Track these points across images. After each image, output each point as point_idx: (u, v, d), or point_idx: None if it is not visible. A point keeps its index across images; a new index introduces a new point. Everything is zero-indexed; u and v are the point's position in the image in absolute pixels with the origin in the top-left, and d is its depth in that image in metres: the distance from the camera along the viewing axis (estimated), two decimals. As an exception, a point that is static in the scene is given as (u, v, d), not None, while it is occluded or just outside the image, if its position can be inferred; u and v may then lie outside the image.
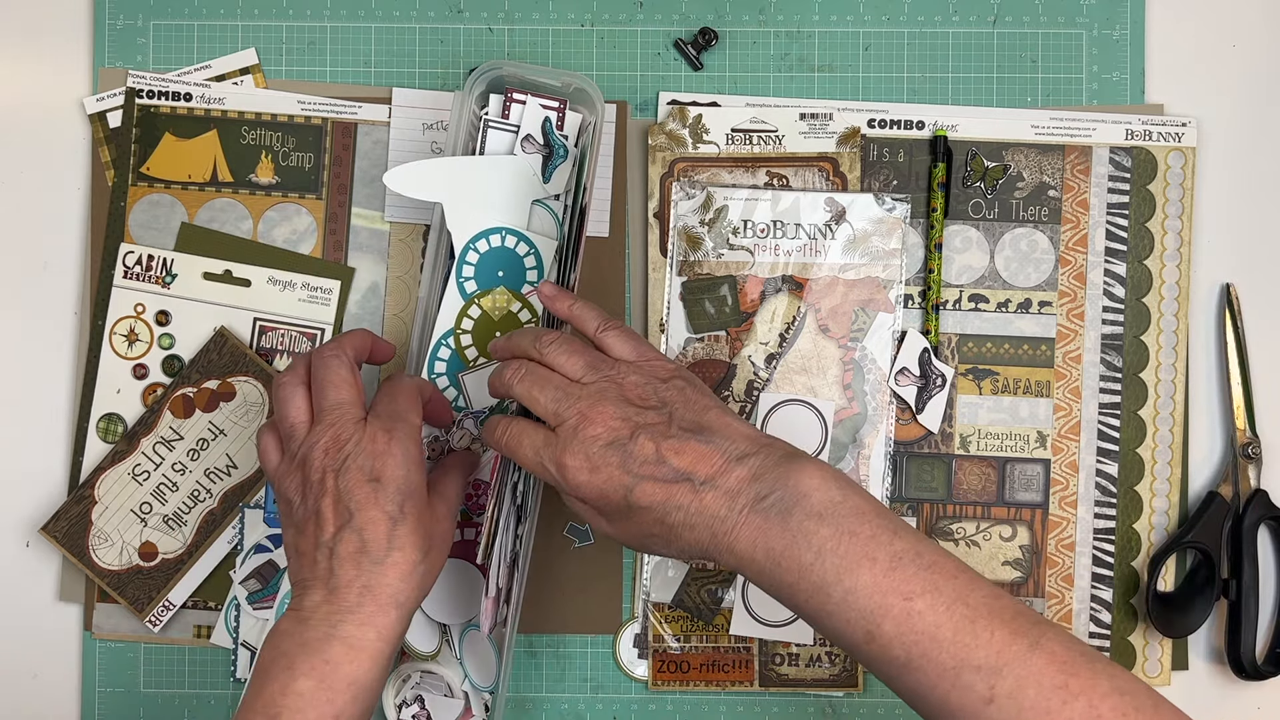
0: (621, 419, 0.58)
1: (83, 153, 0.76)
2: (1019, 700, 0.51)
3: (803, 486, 0.55)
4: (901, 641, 0.53)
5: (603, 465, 0.58)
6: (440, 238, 0.70)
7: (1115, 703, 0.50)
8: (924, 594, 0.53)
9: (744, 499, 0.56)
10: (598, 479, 0.58)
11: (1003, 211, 0.75)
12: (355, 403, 0.62)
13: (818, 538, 0.54)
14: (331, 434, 0.60)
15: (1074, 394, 0.75)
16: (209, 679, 0.75)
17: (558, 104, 0.71)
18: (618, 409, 0.59)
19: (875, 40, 0.76)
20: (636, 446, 0.57)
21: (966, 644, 0.52)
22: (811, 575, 0.54)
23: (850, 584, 0.53)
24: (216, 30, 0.76)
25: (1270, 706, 0.76)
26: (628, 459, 0.57)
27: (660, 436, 0.58)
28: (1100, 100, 0.76)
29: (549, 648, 0.76)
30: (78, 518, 0.74)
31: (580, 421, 0.58)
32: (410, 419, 0.62)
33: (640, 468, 0.57)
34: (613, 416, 0.58)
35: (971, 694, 0.51)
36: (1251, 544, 0.74)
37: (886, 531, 0.54)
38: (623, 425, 0.58)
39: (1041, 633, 0.52)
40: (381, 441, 0.60)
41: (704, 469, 0.57)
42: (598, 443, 0.58)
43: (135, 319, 0.75)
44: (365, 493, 0.59)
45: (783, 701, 0.76)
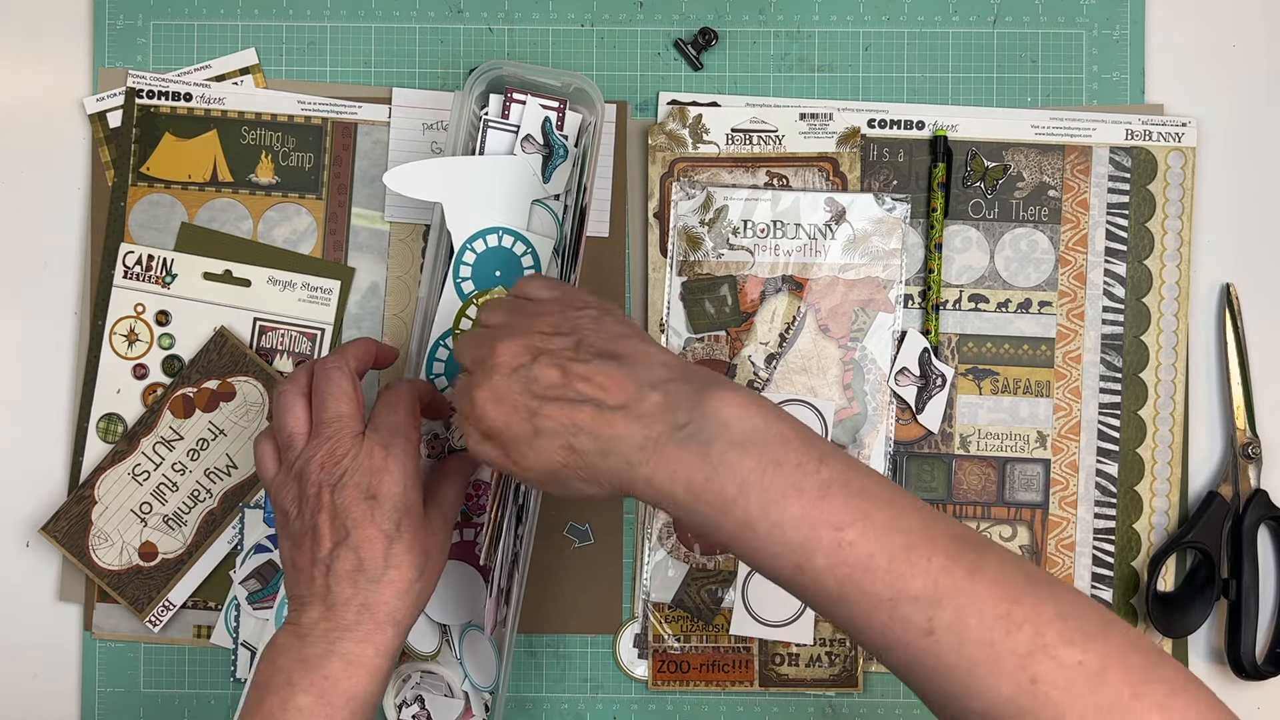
0: (525, 347, 0.56)
1: (83, 153, 0.76)
2: (960, 632, 0.48)
3: (723, 414, 0.52)
4: (834, 574, 0.49)
5: (507, 394, 0.55)
6: (440, 238, 0.70)
7: (1061, 629, 0.47)
8: (855, 523, 0.49)
9: (660, 427, 0.52)
10: (503, 409, 0.55)
11: (1003, 211, 0.75)
12: (354, 416, 0.61)
13: (741, 469, 0.51)
14: (329, 448, 0.60)
15: (1074, 394, 0.75)
16: (209, 679, 0.75)
17: (558, 104, 0.71)
18: (525, 339, 0.56)
19: (875, 40, 0.76)
20: (539, 370, 0.55)
21: (902, 573, 0.49)
22: (735, 510, 0.51)
23: (777, 517, 0.50)
24: (216, 30, 0.76)
25: (1270, 706, 0.76)
26: (531, 383, 0.55)
27: (566, 361, 0.55)
28: (1100, 100, 0.76)
29: (549, 648, 0.76)
30: (78, 518, 0.74)
31: (488, 355, 0.57)
32: (408, 433, 0.62)
33: (544, 390, 0.54)
34: (518, 346, 0.56)
35: (910, 626, 0.48)
36: (1251, 544, 0.74)
37: (813, 459, 0.51)
38: (525, 352, 0.56)
39: (982, 557, 0.49)
40: (379, 458, 0.60)
41: (615, 395, 0.53)
42: (501, 372, 0.56)
43: (135, 319, 0.75)
44: (362, 510, 0.59)
45: (783, 701, 0.76)
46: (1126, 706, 0.46)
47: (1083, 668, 0.47)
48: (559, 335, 0.56)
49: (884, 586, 0.49)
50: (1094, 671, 0.47)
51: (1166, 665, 0.47)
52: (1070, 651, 0.47)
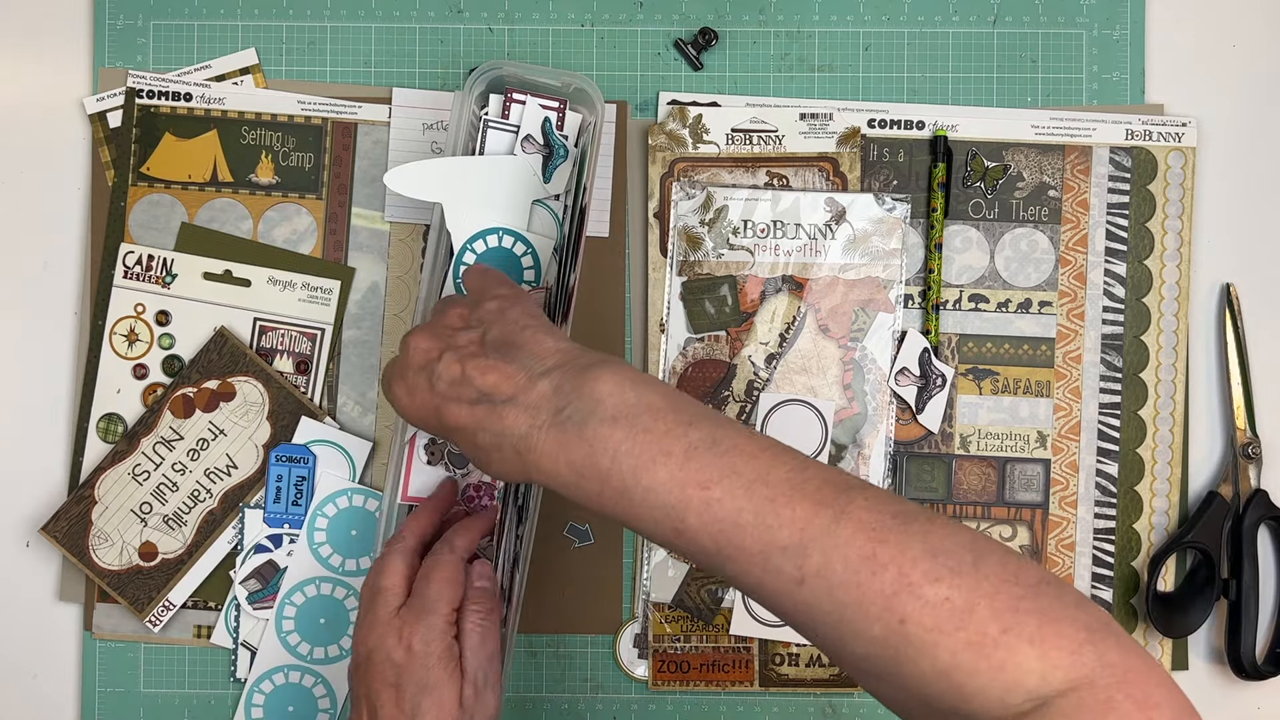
0: (433, 340, 0.59)
1: (83, 153, 0.76)
2: (827, 577, 0.48)
3: (598, 393, 0.53)
4: (707, 532, 0.50)
5: (416, 389, 0.58)
6: (440, 238, 0.70)
7: (929, 567, 0.47)
8: (721, 480, 0.50)
9: (544, 414, 0.54)
10: (414, 403, 0.58)
11: (1003, 211, 0.75)
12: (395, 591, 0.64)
13: (611, 441, 0.52)
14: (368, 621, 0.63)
15: (1074, 394, 0.75)
16: (209, 679, 0.75)
17: (558, 104, 0.71)
18: (434, 334, 0.59)
19: (875, 40, 0.76)
20: (443, 367, 0.57)
21: (769, 525, 0.49)
22: (612, 481, 0.52)
23: (648, 482, 0.51)
24: (216, 30, 0.76)
25: (1270, 706, 0.76)
26: (435, 380, 0.57)
27: (468, 357, 0.57)
28: (1100, 100, 0.76)
29: (549, 648, 0.76)
30: (78, 518, 0.74)
31: (402, 350, 0.60)
32: (439, 608, 0.62)
33: (447, 389, 0.57)
34: (427, 340, 0.59)
35: (782, 577, 0.49)
36: (1251, 544, 0.74)
37: (681, 424, 0.52)
38: (433, 347, 0.58)
39: (849, 500, 0.49)
40: (405, 637, 0.62)
41: (506, 388, 0.55)
42: (410, 367, 0.59)
43: (135, 319, 0.75)
44: (389, 694, 0.61)
45: (783, 701, 0.76)
46: (995, 640, 0.45)
47: (949, 604, 0.46)
48: (466, 329, 0.59)
49: (753, 540, 0.49)
50: (960, 607, 0.46)
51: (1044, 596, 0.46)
52: (936, 589, 0.46)
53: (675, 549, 0.52)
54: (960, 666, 0.45)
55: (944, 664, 0.46)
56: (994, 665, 0.45)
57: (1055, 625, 0.45)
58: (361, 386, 0.75)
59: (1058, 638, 0.45)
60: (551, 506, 0.74)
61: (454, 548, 0.65)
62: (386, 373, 0.61)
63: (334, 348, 0.75)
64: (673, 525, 0.51)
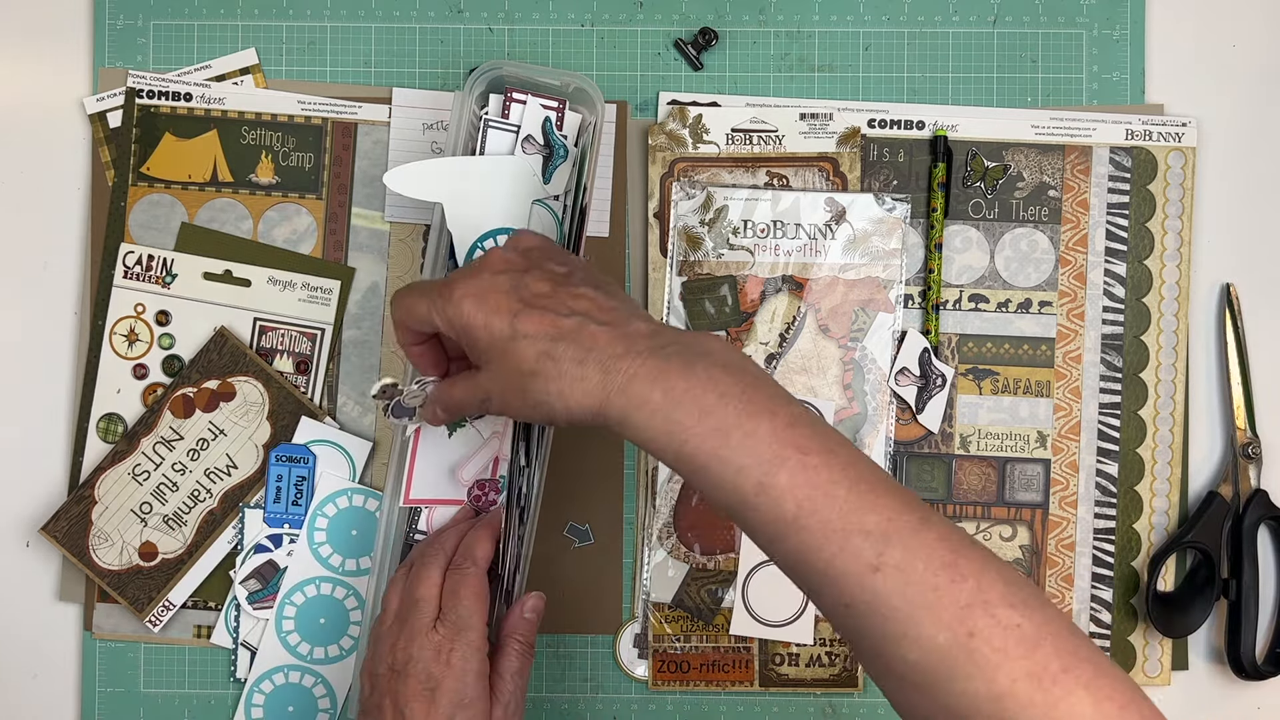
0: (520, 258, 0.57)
1: (83, 153, 0.76)
2: (906, 573, 0.48)
3: (707, 344, 0.54)
4: (794, 494, 0.50)
5: (492, 291, 0.55)
6: (440, 238, 0.70)
7: (1004, 590, 0.48)
8: (820, 452, 0.50)
9: (643, 344, 0.53)
10: (483, 306, 0.55)
11: (1003, 211, 0.75)
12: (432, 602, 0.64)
13: (723, 383, 0.52)
14: (407, 632, 0.63)
15: (1074, 394, 0.75)
16: (209, 679, 0.75)
17: (558, 104, 0.71)
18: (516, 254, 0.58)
19: (875, 40, 0.76)
20: (531, 279, 0.56)
21: (859, 506, 0.49)
22: (712, 418, 0.51)
23: (751, 428, 0.50)
24: (216, 30, 0.76)
25: (1270, 706, 0.76)
26: (520, 287, 0.55)
27: (559, 281, 0.56)
28: (1100, 100, 0.76)
29: (549, 648, 0.76)
30: (78, 518, 0.74)
31: (477, 264, 0.58)
32: (474, 624, 0.63)
33: (532, 297, 0.55)
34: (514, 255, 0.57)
35: (859, 560, 0.49)
36: (1251, 544, 0.74)
37: (784, 396, 0.53)
38: (520, 262, 0.57)
39: (930, 512, 0.50)
40: (444, 652, 0.62)
41: (599, 314, 0.54)
42: (490, 269, 0.57)
43: (135, 319, 0.75)
44: (421, 704, 0.61)
45: (783, 701, 0.76)
46: (1054, 677, 0.46)
47: (1019, 630, 0.47)
48: (554, 262, 0.57)
49: (838, 516, 0.49)
50: (1029, 637, 0.47)
51: (1094, 650, 0.48)
52: (1010, 613, 0.47)
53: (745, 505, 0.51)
54: (1016, 695, 0.46)
55: (1000, 689, 0.46)
56: (1049, 701, 0.46)
57: (1109, 678, 0.47)
58: (361, 386, 0.75)
59: (1111, 689, 0.46)
60: (552, 507, 0.74)
61: (476, 560, 0.66)
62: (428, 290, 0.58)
63: (334, 348, 0.75)
64: (759, 479, 0.50)
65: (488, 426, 0.72)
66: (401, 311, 0.60)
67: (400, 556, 0.72)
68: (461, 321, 0.56)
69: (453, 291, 0.56)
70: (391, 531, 0.71)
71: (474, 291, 0.56)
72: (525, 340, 0.54)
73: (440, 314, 0.57)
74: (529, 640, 0.66)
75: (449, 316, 0.56)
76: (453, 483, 0.72)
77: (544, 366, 0.53)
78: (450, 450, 0.72)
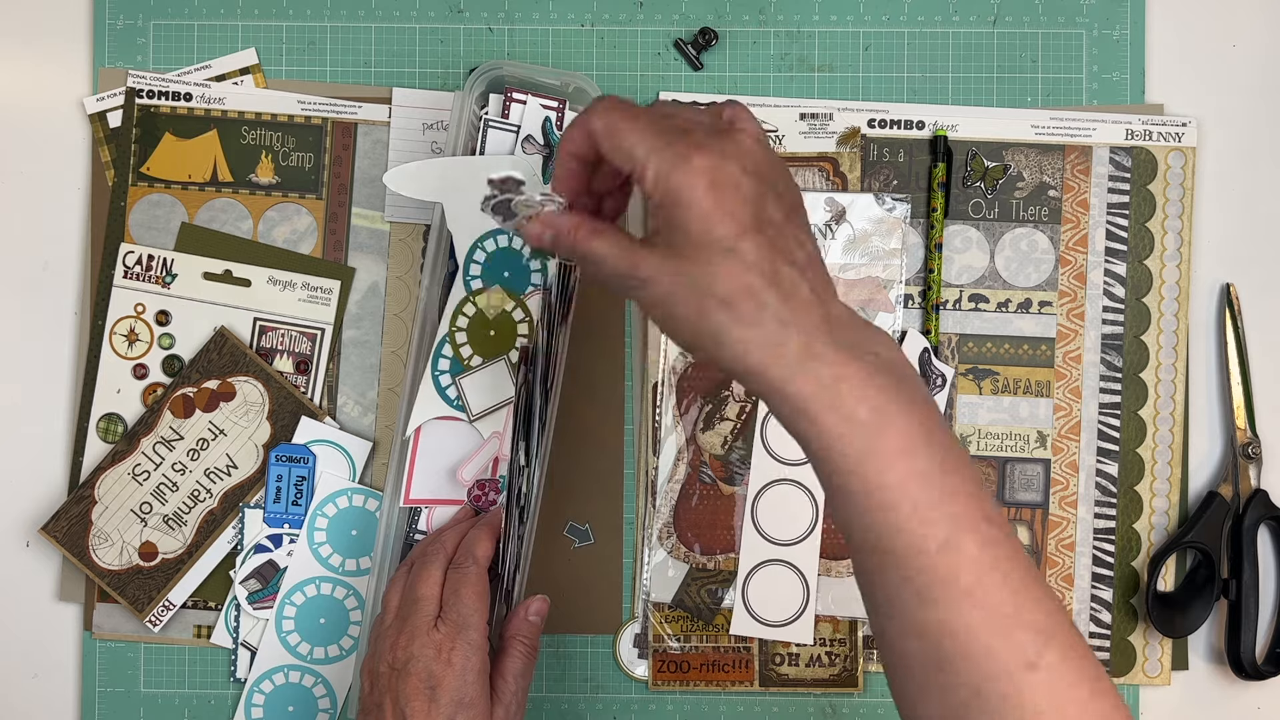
0: (769, 164, 0.49)
1: (83, 153, 0.76)
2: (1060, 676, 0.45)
3: (905, 366, 0.48)
4: (978, 565, 0.45)
5: (733, 187, 0.47)
6: (440, 238, 0.70)
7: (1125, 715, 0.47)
8: (1001, 525, 0.47)
9: (844, 336, 0.47)
10: (719, 197, 0.46)
11: (1003, 211, 0.75)
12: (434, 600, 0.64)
13: (929, 422, 0.47)
14: (408, 630, 0.63)
15: (1074, 394, 0.75)
16: (209, 679, 0.75)
17: (558, 104, 0.71)
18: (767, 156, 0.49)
19: (875, 40, 0.76)
20: (771, 200, 0.48)
21: (1029, 596, 0.46)
22: (918, 458, 0.46)
23: (952, 483, 0.46)
24: (216, 30, 0.76)
25: (1270, 706, 0.76)
26: (760, 204, 0.47)
27: (790, 213, 0.48)
28: (1100, 100, 0.76)
29: (549, 648, 0.76)
30: (78, 518, 0.74)
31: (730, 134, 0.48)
32: (474, 623, 0.63)
33: (765, 224, 0.47)
34: (762, 157, 0.49)
35: (1019, 654, 0.45)
36: (1251, 544, 0.74)
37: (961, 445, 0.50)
38: (768, 171, 0.48)
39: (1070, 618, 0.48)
40: (445, 650, 0.62)
41: (814, 277, 0.48)
42: (737, 163, 0.47)
43: (135, 319, 0.75)
44: (421, 702, 0.61)
45: (783, 701, 0.76)
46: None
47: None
48: (785, 185, 0.50)
49: (1010, 601, 0.46)
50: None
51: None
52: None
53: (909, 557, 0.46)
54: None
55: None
56: None
57: None
58: (361, 386, 0.75)
59: None
60: (552, 507, 0.74)
61: (477, 559, 0.66)
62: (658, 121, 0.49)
63: (334, 348, 0.75)
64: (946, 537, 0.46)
65: (488, 426, 0.72)
66: (606, 129, 0.49)
67: (400, 556, 0.72)
68: (684, 195, 0.47)
69: (692, 158, 0.47)
70: (391, 531, 0.71)
71: (716, 175, 0.47)
72: (740, 265, 0.46)
73: (658, 169, 0.47)
74: (533, 643, 0.67)
75: (670, 180, 0.47)
76: (453, 483, 0.72)
77: (743, 304, 0.46)
78: (450, 450, 0.72)
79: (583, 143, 0.51)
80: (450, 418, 0.71)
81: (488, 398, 0.71)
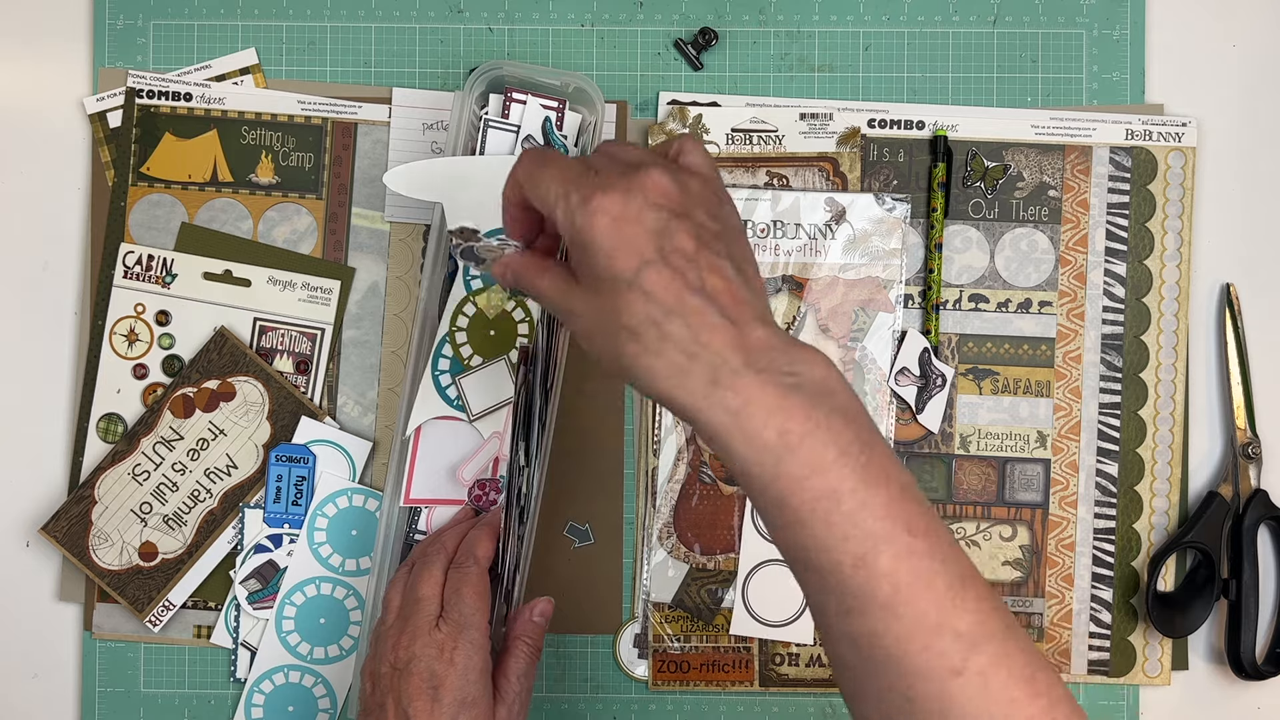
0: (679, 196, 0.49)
1: (83, 153, 0.76)
2: (989, 681, 0.46)
3: (829, 381, 0.48)
4: (892, 579, 0.46)
5: (635, 221, 0.48)
6: (440, 238, 0.70)
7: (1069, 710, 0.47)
8: (925, 535, 0.47)
9: (761, 359, 0.47)
10: (619, 233, 0.48)
11: (1003, 211, 0.75)
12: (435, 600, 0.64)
13: (844, 437, 0.47)
14: (410, 630, 0.63)
15: (1074, 394, 0.75)
16: (209, 679, 0.75)
17: (557, 104, 0.71)
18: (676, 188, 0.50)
19: (875, 40, 0.76)
20: (679, 231, 0.48)
21: (954, 604, 0.46)
22: (828, 476, 0.46)
23: (866, 497, 0.46)
24: (216, 30, 0.76)
25: (1270, 706, 0.76)
26: (664, 236, 0.48)
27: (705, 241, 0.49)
28: (1100, 100, 0.76)
29: (549, 648, 0.76)
30: (78, 518, 0.74)
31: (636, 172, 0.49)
32: (476, 622, 0.63)
33: (670, 255, 0.48)
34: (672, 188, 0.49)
35: (943, 660, 0.46)
36: (1251, 544, 0.74)
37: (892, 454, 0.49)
38: (679, 202, 0.49)
39: (1011, 617, 0.48)
40: (447, 650, 0.62)
41: (729, 306, 0.48)
42: (644, 196, 0.49)
43: (135, 319, 0.75)
44: (424, 701, 0.61)
45: (783, 701, 0.76)
46: None
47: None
48: (708, 214, 0.50)
49: (935, 611, 0.46)
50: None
51: None
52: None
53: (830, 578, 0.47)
54: None
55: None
56: None
57: None
58: (361, 386, 0.75)
59: None
60: (552, 508, 0.74)
61: (478, 559, 0.66)
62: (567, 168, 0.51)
63: (334, 348, 0.75)
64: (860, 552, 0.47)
65: (488, 426, 0.72)
66: (525, 176, 0.53)
67: (400, 556, 0.72)
68: (586, 236, 0.49)
69: (592, 199, 0.49)
70: (391, 531, 0.71)
71: (616, 212, 0.49)
72: (641, 297, 0.48)
73: (565, 212, 0.50)
74: (537, 643, 0.67)
75: (575, 221, 0.49)
76: (453, 483, 0.72)
77: (647, 334, 0.48)
78: (450, 450, 0.72)
79: (514, 191, 0.54)
80: (450, 418, 0.71)
81: (488, 398, 0.71)
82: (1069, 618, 0.75)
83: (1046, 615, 0.75)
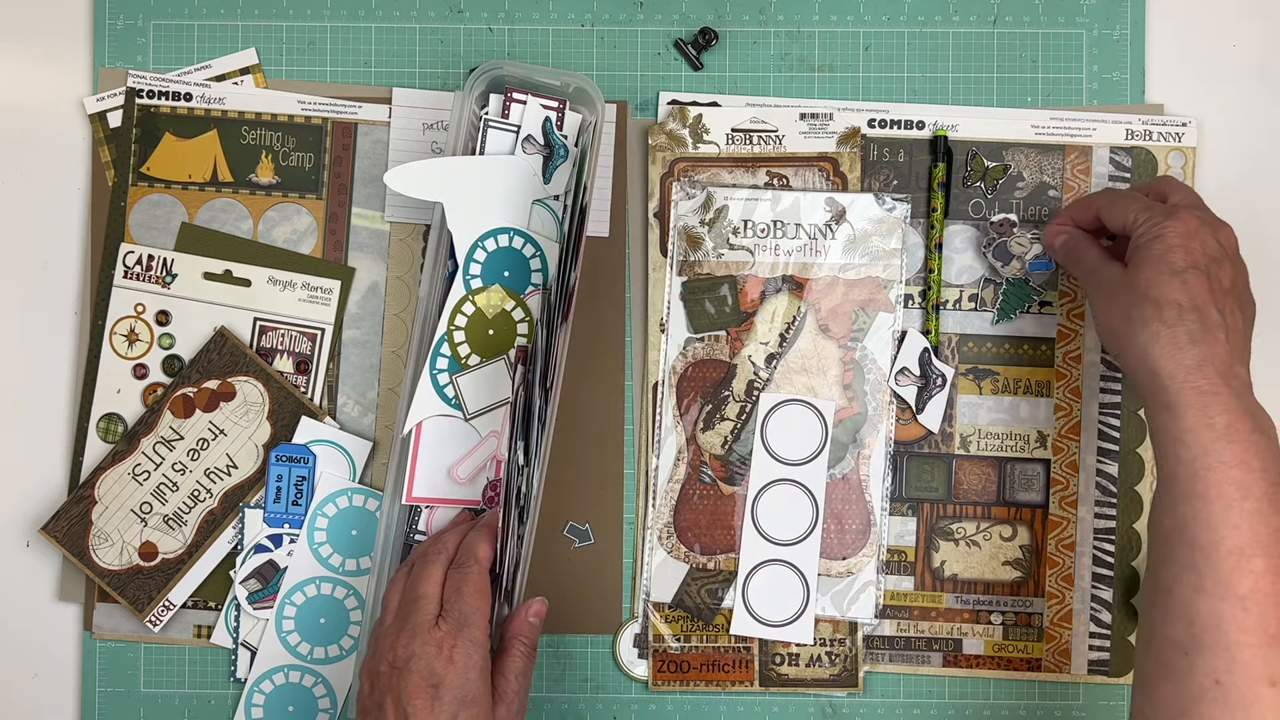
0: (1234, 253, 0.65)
1: (83, 153, 0.76)
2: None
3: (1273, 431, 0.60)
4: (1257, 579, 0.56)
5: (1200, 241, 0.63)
6: (440, 238, 0.70)
7: None
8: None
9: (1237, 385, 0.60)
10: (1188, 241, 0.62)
11: (1003, 211, 0.75)
12: (434, 599, 0.64)
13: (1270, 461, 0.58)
14: (409, 629, 0.63)
15: (1074, 394, 0.75)
16: (209, 679, 0.75)
17: (558, 104, 0.71)
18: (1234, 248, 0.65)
19: (875, 40, 0.76)
20: (1226, 267, 0.63)
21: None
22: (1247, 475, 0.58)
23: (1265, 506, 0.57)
24: (216, 30, 0.76)
25: (1270, 706, 0.76)
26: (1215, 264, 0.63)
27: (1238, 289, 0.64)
28: (1100, 100, 0.76)
29: (549, 648, 0.76)
30: (78, 518, 0.74)
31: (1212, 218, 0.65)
32: (476, 620, 0.64)
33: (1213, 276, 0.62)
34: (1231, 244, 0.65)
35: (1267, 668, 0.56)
36: (1252, 544, 0.74)
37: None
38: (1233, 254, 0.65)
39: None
40: (447, 648, 0.62)
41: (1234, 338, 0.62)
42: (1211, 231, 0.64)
43: (135, 319, 0.75)
44: (424, 700, 0.61)
45: (783, 701, 0.76)
46: None
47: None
48: (1244, 283, 0.65)
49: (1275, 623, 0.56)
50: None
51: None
52: None
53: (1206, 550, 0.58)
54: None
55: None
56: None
57: None
58: (361, 386, 0.75)
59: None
60: (552, 508, 0.74)
61: (478, 559, 0.66)
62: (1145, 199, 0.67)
63: (334, 348, 0.75)
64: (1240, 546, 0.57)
65: (486, 426, 0.72)
66: (1106, 202, 0.68)
67: (400, 556, 0.72)
68: (1160, 230, 0.63)
69: (1176, 213, 0.64)
70: (391, 531, 0.71)
71: (1192, 229, 0.63)
72: (1180, 285, 0.61)
73: (1150, 220, 0.64)
74: (533, 643, 0.67)
75: (1157, 222, 0.64)
76: (454, 482, 0.72)
77: (1168, 311, 0.61)
78: (452, 450, 0.72)
79: (1082, 212, 0.70)
80: (447, 416, 0.71)
81: (485, 397, 0.71)
82: (1069, 618, 0.75)
83: (1046, 615, 0.75)
